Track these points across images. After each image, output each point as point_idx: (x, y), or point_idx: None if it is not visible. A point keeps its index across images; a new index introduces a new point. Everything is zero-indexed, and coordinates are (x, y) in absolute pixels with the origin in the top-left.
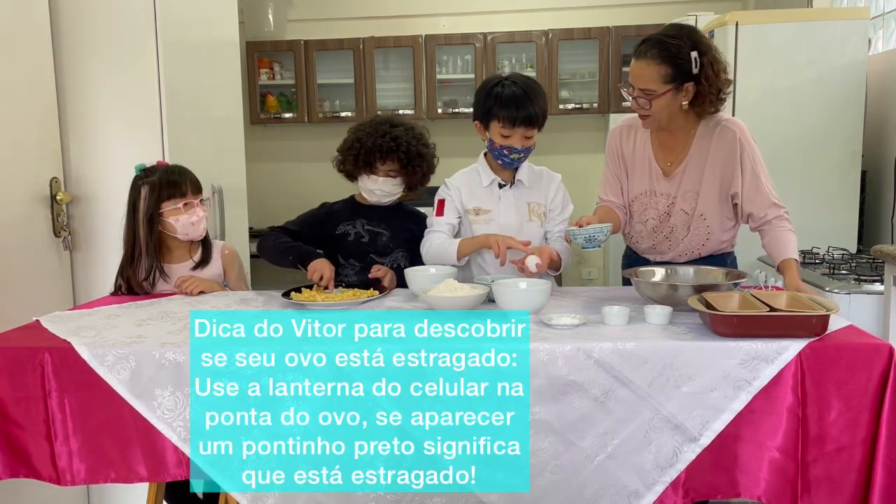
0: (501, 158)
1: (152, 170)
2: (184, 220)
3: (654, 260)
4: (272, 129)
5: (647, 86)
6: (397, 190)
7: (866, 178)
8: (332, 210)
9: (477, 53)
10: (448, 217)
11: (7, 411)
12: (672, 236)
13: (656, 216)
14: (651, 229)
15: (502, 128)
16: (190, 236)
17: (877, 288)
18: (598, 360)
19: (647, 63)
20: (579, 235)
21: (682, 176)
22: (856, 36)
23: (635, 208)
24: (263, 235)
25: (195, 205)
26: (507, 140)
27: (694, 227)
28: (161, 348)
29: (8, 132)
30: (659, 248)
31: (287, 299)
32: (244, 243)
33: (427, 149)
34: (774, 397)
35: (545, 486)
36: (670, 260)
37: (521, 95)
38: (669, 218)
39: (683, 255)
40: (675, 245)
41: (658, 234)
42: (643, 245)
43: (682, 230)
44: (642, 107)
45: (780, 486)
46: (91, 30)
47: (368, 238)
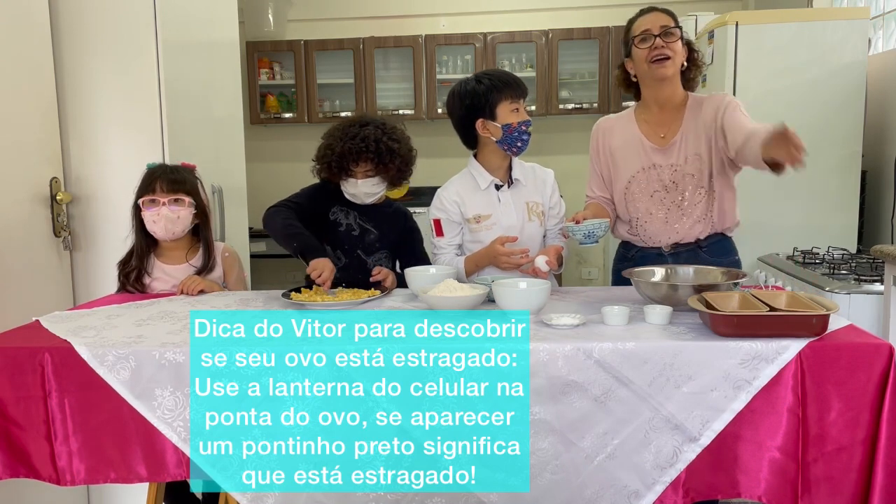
0: (521, 139)
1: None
2: (148, 216)
3: (663, 244)
4: (272, 129)
5: (666, 23)
6: (378, 189)
7: (866, 178)
8: (331, 189)
9: (477, 53)
10: (449, 237)
11: (7, 411)
12: (683, 205)
13: (662, 187)
14: (660, 200)
15: (512, 103)
16: (156, 234)
17: (877, 288)
18: (598, 360)
19: (658, 12)
20: (578, 231)
21: (680, 143)
22: (856, 36)
23: (634, 188)
24: (272, 211)
25: (161, 203)
26: (520, 115)
27: (704, 190)
28: (161, 348)
29: (8, 132)
30: (672, 220)
31: (287, 299)
32: (244, 243)
33: (399, 143)
34: (774, 397)
35: (545, 486)
36: (680, 239)
37: (508, 73)
38: (677, 186)
39: (697, 226)
40: (689, 212)
41: (670, 205)
42: (652, 227)
43: (694, 195)
44: (668, 45)
45: (781, 486)
46: (91, 30)
47: (359, 232)
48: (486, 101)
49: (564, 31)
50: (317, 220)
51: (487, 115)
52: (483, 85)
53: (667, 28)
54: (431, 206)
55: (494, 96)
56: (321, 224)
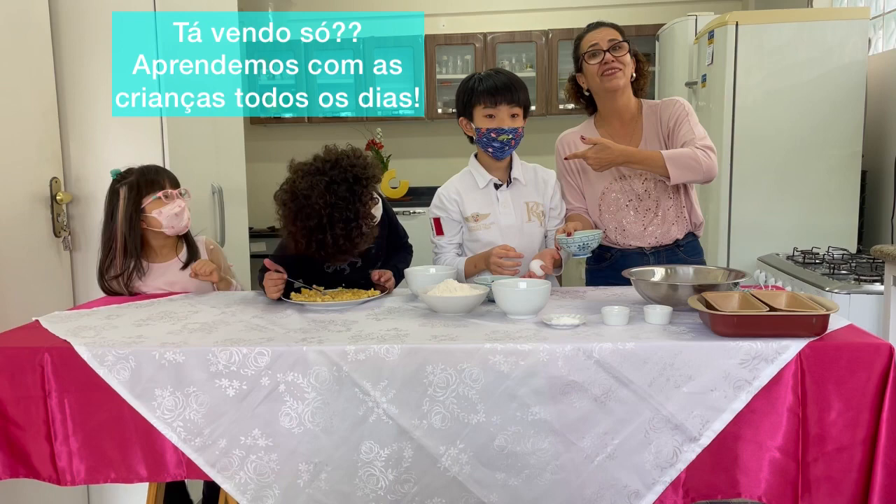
0: (491, 145)
1: (128, 172)
2: (167, 212)
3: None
4: (272, 129)
5: (614, 37)
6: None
7: (866, 178)
8: None
9: (477, 53)
10: (449, 236)
11: (7, 411)
12: (658, 211)
13: (635, 196)
14: (635, 209)
15: (485, 108)
16: (175, 229)
17: (877, 288)
18: (598, 361)
19: (606, 27)
20: (572, 244)
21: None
22: (856, 36)
23: (610, 199)
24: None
25: (175, 195)
26: (493, 121)
27: (674, 192)
28: (161, 348)
29: (8, 132)
30: (649, 225)
31: (287, 299)
32: (244, 243)
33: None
34: (774, 397)
35: (545, 486)
36: (659, 242)
37: (502, 78)
38: (650, 194)
39: (673, 228)
40: (665, 216)
41: (645, 212)
42: (630, 233)
43: (666, 199)
44: (616, 58)
45: (781, 486)
46: (91, 30)
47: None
48: (467, 101)
49: (564, 31)
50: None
51: (467, 115)
52: (470, 85)
53: (615, 42)
54: (431, 204)
55: (473, 98)
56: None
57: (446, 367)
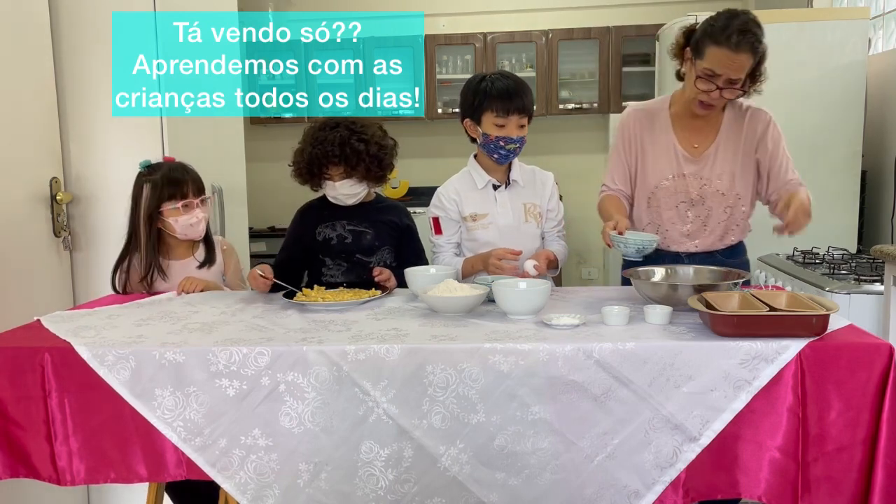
0: (497, 152)
1: (157, 167)
2: (183, 222)
3: (680, 251)
4: (272, 129)
5: (739, 75)
6: (358, 189)
7: (866, 178)
8: (308, 211)
9: (477, 53)
10: (448, 235)
11: (7, 411)
12: (709, 221)
13: (688, 199)
14: (684, 213)
15: (496, 117)
16: (189, 237)
17: (877, 288)
18: (598, 360)
19: (747, 55)
20: (631, 245)
21: (714, 157)
22: (856, 36)
23: (661, 196)
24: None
25: (195, 206)
26: (503, 130)
27: (731, 209)
28: (161, 348)
29: (8, 132)
30: (694, 234)
31: (287, 299)
32: (244, 243)
33: (366, 143)
34: (774, 397)
35: (545, 486)
36: (701, 248)
37: (512, 85)
38: (704, 202)
39: (718, 241)
40: (713, 229)
41: (694, 219)
42: (672, 236)
43: (720, 212)
44: (722, 95)
45: (781, 486)
46: (91, 30)
47: (352, 238)
48: (478, 104)
49: (564, 31)
50: (309, 247)
51: (475, 117)
52: (482, 87)
53: (733, 81)
54: (430, 204)
55: (485, 103)
56: (313, 247)
57: (446, 367)
